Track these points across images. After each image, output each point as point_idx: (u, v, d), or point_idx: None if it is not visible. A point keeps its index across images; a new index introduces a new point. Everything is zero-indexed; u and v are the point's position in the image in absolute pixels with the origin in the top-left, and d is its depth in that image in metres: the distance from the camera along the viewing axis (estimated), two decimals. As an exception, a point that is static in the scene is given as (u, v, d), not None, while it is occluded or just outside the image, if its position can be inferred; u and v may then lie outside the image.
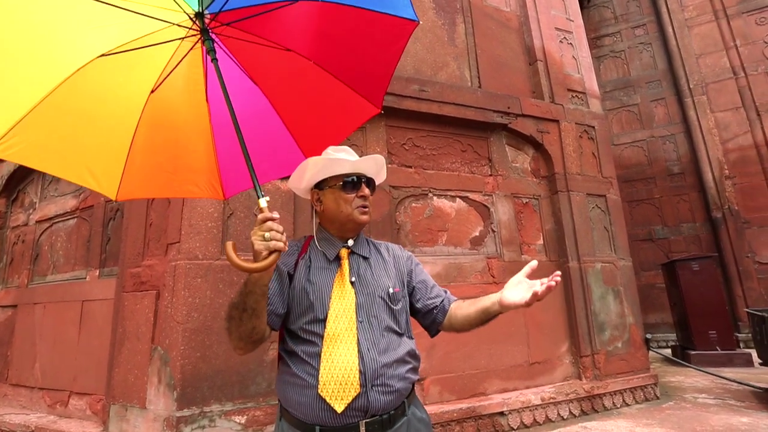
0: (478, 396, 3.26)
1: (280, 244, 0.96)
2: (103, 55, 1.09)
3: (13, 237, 4.32)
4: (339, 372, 1.06)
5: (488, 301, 1.19)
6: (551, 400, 3.34)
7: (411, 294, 1.32)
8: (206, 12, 1.12)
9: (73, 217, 3.83)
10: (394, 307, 1.21)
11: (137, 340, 2.74)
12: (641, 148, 8.15)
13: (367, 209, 1.26)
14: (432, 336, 1.35)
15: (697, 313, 5.51)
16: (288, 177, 1.35)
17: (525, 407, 3.23)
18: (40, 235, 4.08)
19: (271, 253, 0.96)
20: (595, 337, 3.75)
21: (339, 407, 1.05)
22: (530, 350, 3.59)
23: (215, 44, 1.19)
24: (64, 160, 1.15)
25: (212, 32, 1.19)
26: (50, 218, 4.01)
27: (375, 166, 1.30)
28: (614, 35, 8.71)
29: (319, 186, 1.28)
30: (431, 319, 1.31)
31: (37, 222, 4.12)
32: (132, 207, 3.07)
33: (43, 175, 4.25)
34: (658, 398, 3.83)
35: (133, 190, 1.28)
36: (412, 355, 1.21)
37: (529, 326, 3.63)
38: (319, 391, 1.06)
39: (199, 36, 1.17)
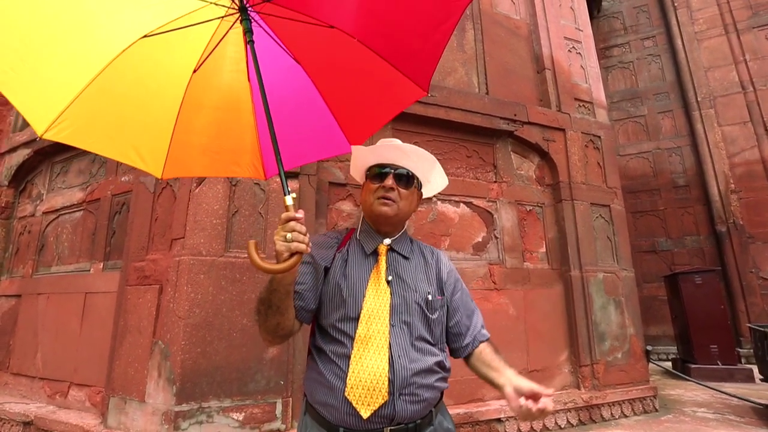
0: (476, 402, 3.26)
1: (302, 246, 0.93)
2: (145, 36, 1.10)
3: (19, 227, 4.36)
4: (367, 378, 1.03)
5: (499, 378, 1.11)
6: (549, 409, 3.33)
7: (447, 312, 1.25)
8: None
9: (80, 210, 3.86)
10: (431, 316, 1.16)
11: (139, 333, 2.76)
12: (647, 160, 8.13)
13: (388, 201, 1.19)
14: (453, 357, 1.28)
15: (698, 326, 5.48)
16: (328, 159, 1.32)
17: (522, 415, 3.22)
18: (46, 226, 4.11)
19: (293, 254, 0.93)
20: (595, 347, 3.74)
21: (365, 413, 1.02)
22: (529, 358, 3.58)
23: (254, 22, 1.17)
24: (112, 141, 1.18)
25: (252, 9, 1.16)
26: (57, 210, 4.05)
27: (402, 156, 1.22)
28: (623, 46, 8.72)
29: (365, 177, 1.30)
30: (457, 347, 1.25)
31: (43, 213, 4.16)
32: (138, 201, 3.10)
33: (52, 166, 4.29)
34: (656, 411, 3.81)
35: (178, 169, 1.30)
36: (442, 366, 1.16)
37: (529, 333, 3.63)
38: (346, 394, 1.03)
39: (237, 15, 1.15)
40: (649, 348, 4.10)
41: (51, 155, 4.24)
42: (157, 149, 1.24)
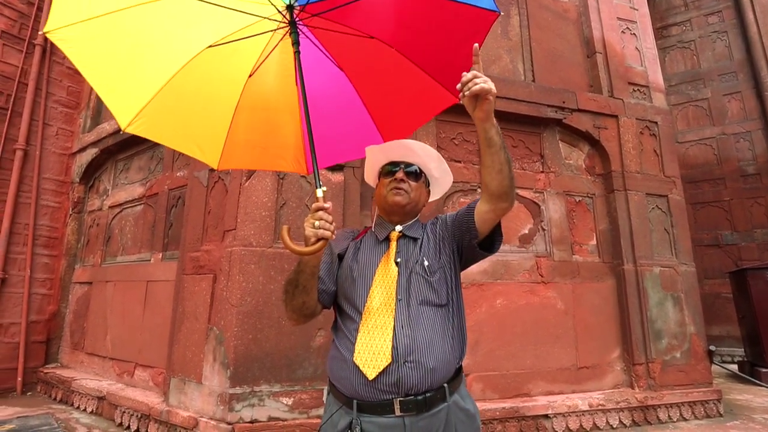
0: (522, 396, 3.19)
1: (327, 233, 1.04)
2: (210, 46, 1.29)
3: (89, 221, 4.75)
4: (372, 342, 1.11)
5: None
6: (600, 407, 3.20)
7: (454, 234, 1.27)
8: (296, 4, 1.24)
9: (140, 204, 4.15)
10: (431, 279, 1.21)
11: (195, 319, 2.93)
12: (710, 146, 7.50)
13: (400, 190, 1.28)
14: (488, 248, 1.25)
15: (770, 327, 5.03)
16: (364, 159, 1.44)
17: (571, 412, 3.12)
18: (111, 219, 4.46)
19: (319, 240, 1.05)
20: (650, 345, 3.54)
21: (371, 374, 1.08)
22: (578, 354, 3.45)
23: (302, 34, 1.32)
24: (177, 135, 1.39)
25: (301, 22, 1.31)
26: (120, 204, 4.37)
27: (411, 153, 1.31)
28: (683, 24, 8.06)
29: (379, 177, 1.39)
30: (467, 219, 1.23)
31: (109, 207, 4.50)
32: (192, 195, 3.27)
33: (116, 164, 4.63)
34: (721, 415, 3.56)
35: (231, 161, 1.47)
36: (453, 335, 1.19)
37: (577, 329, 3.50)
38: (354, 359, 1.11)
39: (287, 28, 1.29)
40: (712, 348, 3.82)
41: (115, 153, 4.58)
42: (215, 143, 1.41)
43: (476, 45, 1.06)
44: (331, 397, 1.20)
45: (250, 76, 1.40)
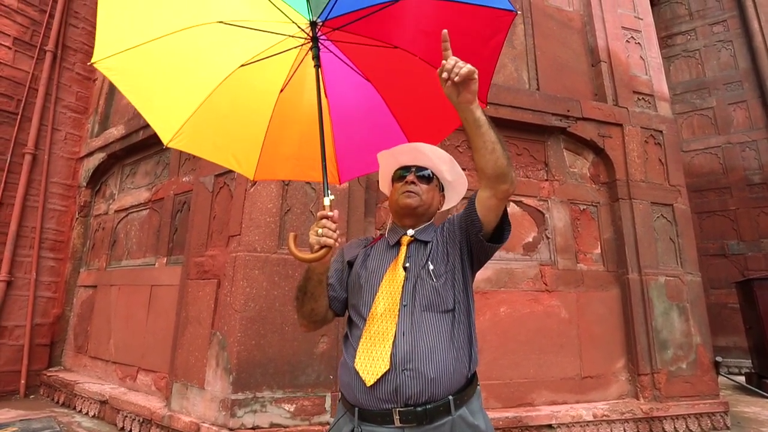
0: (525, 406, 3.16)
1: (330, 241, 1.06)
2: (242, 65, 1.37)
3: (95, 224, 4.79)
4: (373, 348, 1.10)
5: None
6: (604, 418, 3.17)
7: (461, 231, 1.25)
8: (318, 20, 1.28)
9: (146, 208, 4.18)
10: (436, 283, 1.18)
11: (198, 324, 2.94)
12: (715, 155, 7.47)
13: (411, 193, 1.28)
14: (498, 239, 1.21)
15: (777, 338, 4.96)
16: None
17: (575, 422, 3.09)
18: (117, 223, 4.49)
19: (322, 247, 1.06)
20: (655, 355, 3.50)
21: (369, 380, 1.06)
22: (582, 363, 3.42)
23: (327, 48, 1.39)
24: (216, 148, 1.48)
25: (326, 37, 1.36)
26: (126, 208, 4.40)
27: (422, 156, 1.31)
28: (688, 33, 8.07)
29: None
30: (469, 212, 1.20)
31: (115, 211, 4.54)
32: (198, 200, 3.29)
33: (122, 168, 4.67)
34: (728, 428, 3.50)
35: (266, 172, 1.54)
36: (461, 342, 1.13)
37: (582, 338, 3.47)
38: (355, 364, 1.10)
39: (311, 43, 1.35)
40: (718, 359, 3.77)
41: (122, 158, 4.62)
42: (251, 156, 1.50)
43: (445, 31, 1.01)
44: (340, 404, 1.21)
45: (281, 91, 1.46)
